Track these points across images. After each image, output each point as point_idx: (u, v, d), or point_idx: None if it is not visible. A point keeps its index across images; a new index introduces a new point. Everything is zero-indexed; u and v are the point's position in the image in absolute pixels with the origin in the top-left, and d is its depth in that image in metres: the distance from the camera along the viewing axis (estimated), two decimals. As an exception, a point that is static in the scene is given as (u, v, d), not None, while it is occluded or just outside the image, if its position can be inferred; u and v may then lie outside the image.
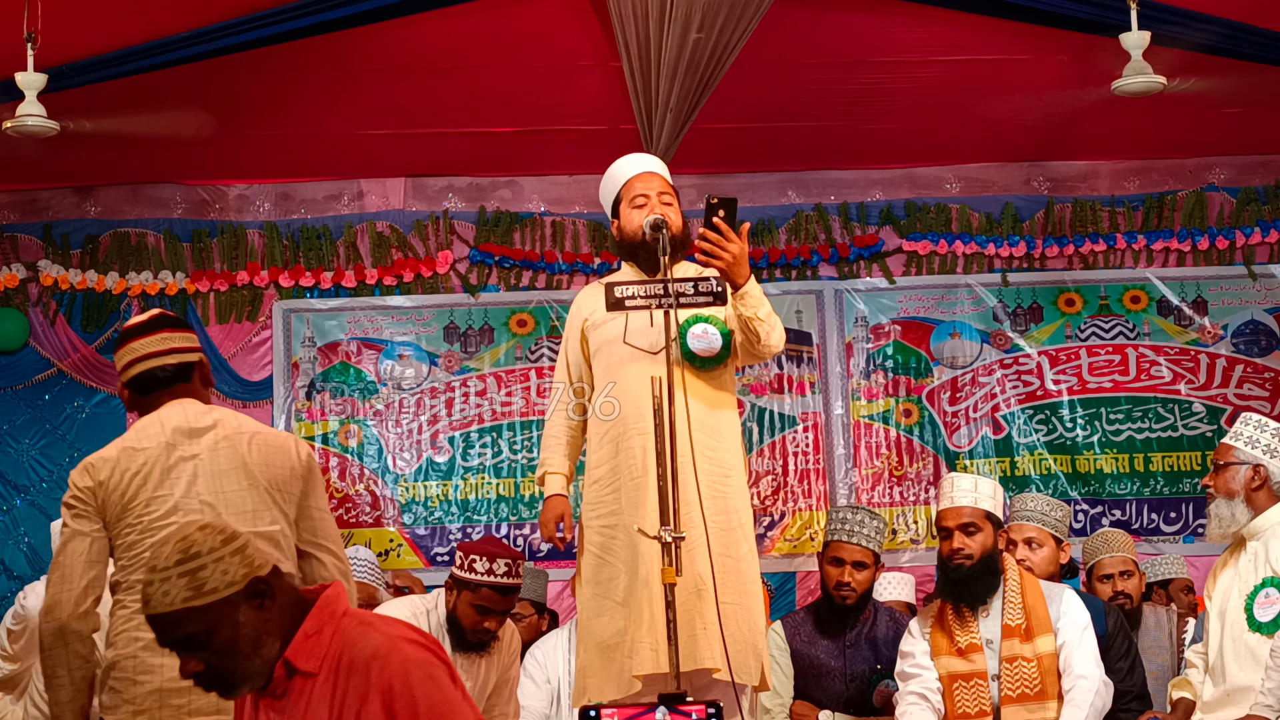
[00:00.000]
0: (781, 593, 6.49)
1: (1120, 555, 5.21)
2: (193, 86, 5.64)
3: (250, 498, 3.23)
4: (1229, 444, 4.36)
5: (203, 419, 3.30)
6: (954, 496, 4.52)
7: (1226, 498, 4.29)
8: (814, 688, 4.90)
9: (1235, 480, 4.28)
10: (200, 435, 3.27)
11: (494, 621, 4.46)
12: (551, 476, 4.07)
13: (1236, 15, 5.38)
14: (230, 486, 3.23)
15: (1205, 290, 6.80)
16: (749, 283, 3.69)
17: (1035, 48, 5.66)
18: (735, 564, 3.81)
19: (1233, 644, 4.17)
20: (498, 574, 4.40)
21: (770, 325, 3.78)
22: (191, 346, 3.41)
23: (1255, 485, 4.26)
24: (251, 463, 3.27)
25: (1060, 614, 4.42)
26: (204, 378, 3.43)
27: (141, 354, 3.35)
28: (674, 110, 5.39)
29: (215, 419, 3.32)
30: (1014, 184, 6.89)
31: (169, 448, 3.23)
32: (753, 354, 3.87)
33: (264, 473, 3.27)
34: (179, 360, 3.36)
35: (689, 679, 3.55)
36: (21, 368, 6.58)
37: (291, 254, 6.73)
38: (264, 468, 3.28)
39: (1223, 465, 4.33)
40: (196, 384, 3.39)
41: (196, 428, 3.28)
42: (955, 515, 4.49)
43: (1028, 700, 4.31)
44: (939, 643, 4.46)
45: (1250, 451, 4.30)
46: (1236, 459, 4.31)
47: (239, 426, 3.33)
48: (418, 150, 6.54)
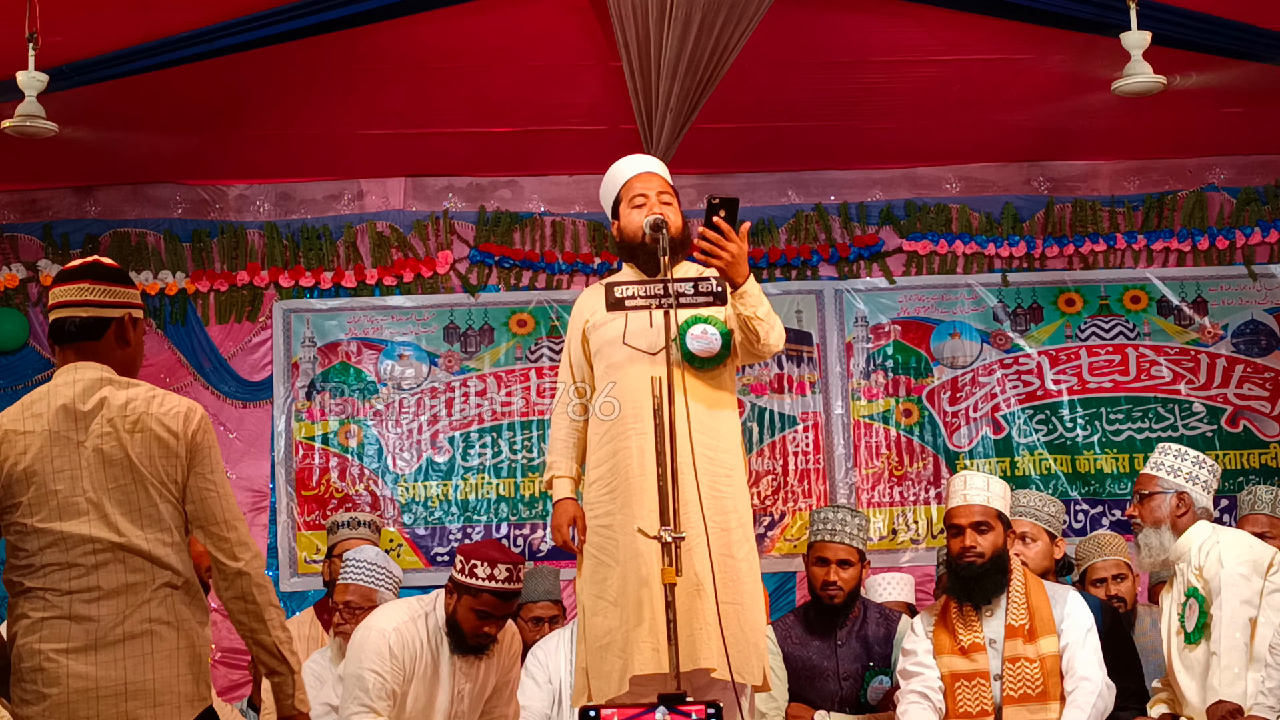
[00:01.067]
0: (781, 593, 6.49)
1: (1113, 558, 5.22)
2: (193, 86, 5.64)
3: (137, 493, 3.09)
4: (1151, 474, 4.50)
5: (90, 397, 3.11)
6: (966, 494, 4.54)
7: (1154, 526, 4.45)
8: (808, 689, 4.90)
9: (1161, 509, 4.44)
10: (88, 419, 3.10)
11: (494, 626, 4.46)
12: (559, 480, 4.06)
13: (1236, 15, 5.38)
14: (116, 480, 3.09)
15: (1205, 290, 6.80)
16: (748, 282, 3.70)
17: (1035, 48, 5.66)
18: (734, 564, 3.81)
19: (1180, 662, 4.33)
20: (499, 580, 4.40)
21: (770, 324, 3.79)
22: (114, 301, 3.21)
23: (1180, 513, 4.42)
24: (135, 455, 3.10)
25: (1064, 615, 4.43)
26: (121, 337, 3.22)
27: (56, 301, 3.20)
28: (674, 110, 5.39)
29: (102, 397, 3.12)
30: (1014, 184, 6.90)
31: (53, 435, 3.08)
32: (752, 353, 3.87)
33: (148, 466, 3.11)
34: (89, 314, 3.17)
35: (688, 679, 3.55)
36: (22, 368, 6.58)
37: (291, 254, 6.73)
38: (148, 460, 3.11)
39: (1147, 495, 4.48)
40: (109, 343, 3.20)
41: (83, 410, 3.10)
42: (967, 513, 4.51)
43: (1029, 701, 4.32)
44: (942, 641, 4.47)
45: (1173, 480, 4.45)
46: (1160, 488, 4.46)
47: (126, 405, 3.13)
48: (418, 150, 6.54)
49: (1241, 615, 4.15)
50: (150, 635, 3.06)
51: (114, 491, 3.09)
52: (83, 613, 3.03)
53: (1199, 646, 4.24)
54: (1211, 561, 4.26)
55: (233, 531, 3.19)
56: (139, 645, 3.05)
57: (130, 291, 3.27)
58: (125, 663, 3.03)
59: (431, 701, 4.49)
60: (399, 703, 4.42)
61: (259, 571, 3.19)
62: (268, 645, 3.16)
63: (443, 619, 4.51)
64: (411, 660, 4.44)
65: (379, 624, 4.48)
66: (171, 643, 3.08)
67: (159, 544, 3.10)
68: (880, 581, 5.55)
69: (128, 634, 3.04)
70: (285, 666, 3.18)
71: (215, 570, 3.17)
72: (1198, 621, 4.25)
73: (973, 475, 4.64)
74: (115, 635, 3.03)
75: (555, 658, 4.91)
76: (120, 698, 3.01)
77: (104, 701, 3.00)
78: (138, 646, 3.05)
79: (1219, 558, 4.25)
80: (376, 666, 4.36)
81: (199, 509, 3.17)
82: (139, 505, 3.10)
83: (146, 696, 3.03)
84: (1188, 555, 4.37)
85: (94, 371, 3.17)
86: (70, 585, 3.04)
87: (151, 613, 3.07)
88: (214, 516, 3.17)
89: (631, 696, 3.72)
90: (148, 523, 3.10)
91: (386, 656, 4.37)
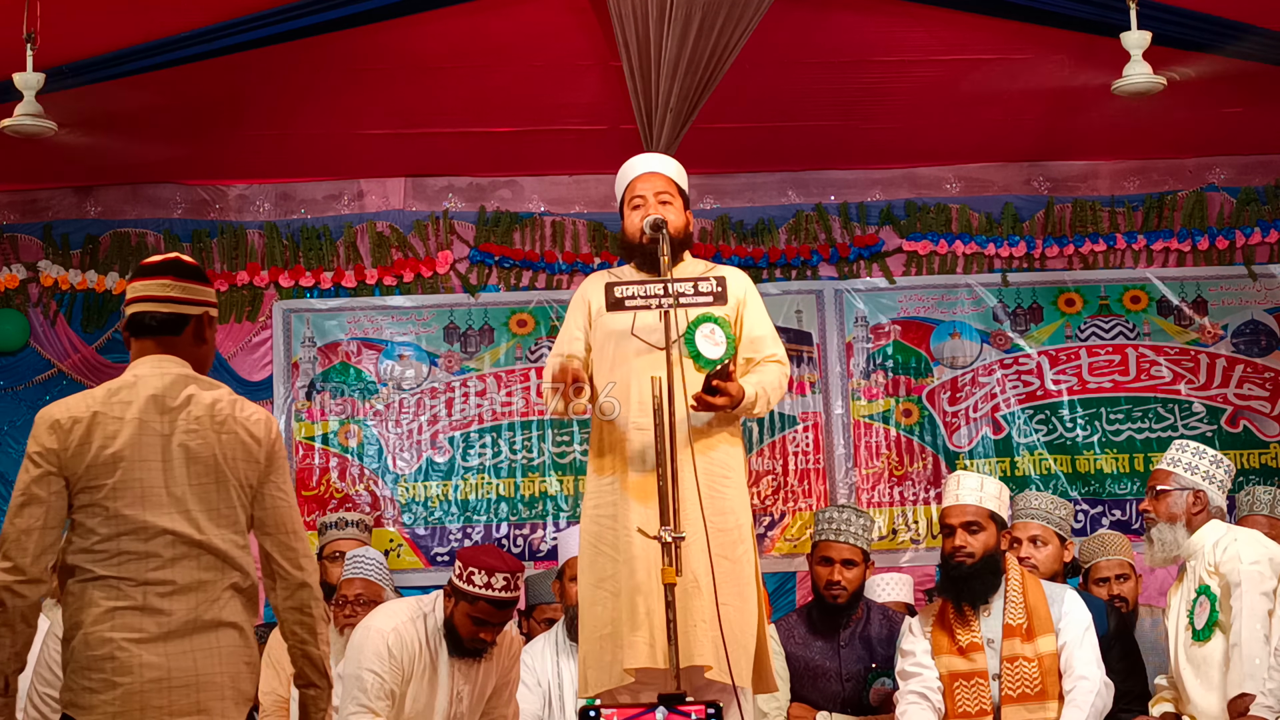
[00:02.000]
0: (781, 593, 6.49)
1: (1116, 558, 5.22)
2: (193, 86, 5.64)
3: (216, 493, 3.13)
4: (1167, 470, 4.50)
5: (178, 390, 3.16)
6: (959, 494, 4.54)
7: (1168, 522, 4.44)
8: (810, 689, 4.90)
9: (1176, 505, 4.44)
10: (176, 412, 3.13)
11: (490, 633, 4.45)
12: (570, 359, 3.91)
13: (1236, 15, 5.38)
14: (199, 478, 3.13)
15: (1205, 290, 6.80)
16: (745, 399, 3.79)
17: (1035, 48, 5.66)
18: (732, 565, 3.81)
19: (1186, 659, 4.33)
20: (495, 588, 4.38)
21: (773, 403, 3.93)
22: (194, 299, 3.25)
23: (1196, 510, 4.42)
24: (220, 455, 3.15)
25: (1062, 614, 4.43)
26: (199, 334, 3.27)
27: (137, 295, 3.23)
28: (674, 110, 5.39)
29: (189, 393, 3.16)
30: (1014, 184, 6.89)
31: (142, 424, 3.11)
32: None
33: (231, 467, 3.16)
34: (170, 310, 3.21)
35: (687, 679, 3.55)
36: (22, 368, 6.58)
37: (291, 254, 6.73)
38: (231, 462, 3.16)
39: (1163, 491, 4.47)
40: (187, 339, 3.25)
41: (171, 405, 3.14)
42: (959, 513, 4.51)
43: (1028, 700, 4.32)
44: (940, 641, 4.47)
45: (1190, 478, 4.45)
46: (1176, 485, 4.45)
47: (214, 405, 3.18)
48: (418, 150, 6.54)
49: (1261, 608, 4.15)
50: (217, 630, 3.10)
51: (196, 488, 3.12)
52: (156, 605, 3.05)
53: (1208, 644, 4.24)
54: (1229, 557, 4.24)
55: (300, 542, 3.26)
56: (208, 639, 3.08)
57: (209, 290, 3.33)
58: (195, 655, 3.06)
59: (430, 702, 4.49)
60: (397, 703, 4.41)
61: (318, 585, 3.26)
62: (315, 659, 3.22)
63: (441, 620, 4.51)
64: (410, 660, 4.44)
65: (378, 624, 4.48)
66: (235, 640, 3.12)
67: (233, 545, 3.14)
68: (880, 582, 5.55)
69: (198, 627, 3.07)
70: (325, 681, 3.24)
71: (276, 578, 3.22)
72: (1209, 619, 4.24)
73: (966, 475, 4.65)
74: (187, 628, 3.06)
75: (542, 660, 4.91)
76: (192, 689, 3.04)
77: (176, 692, 3.02)
78: (206, 640, 3.08)
79: (1238, 554, 4.23)
80: (375, 667, 4.36)
81: (270, 516, 3.23)
82: (218, 505, 3.14)
83: (216, 690, 3.07)
84: (1200, 552, 4.36)
85: (179, 367, 3.22)
86: (146, 576, 3.05)
87: (220, 611, 3.11)
88: (284, 525, 3.24)
89: (631, 694, 3.72)
90: (224, 522, 3.14)
91: (385, 657, 4.37)
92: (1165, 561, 4.51)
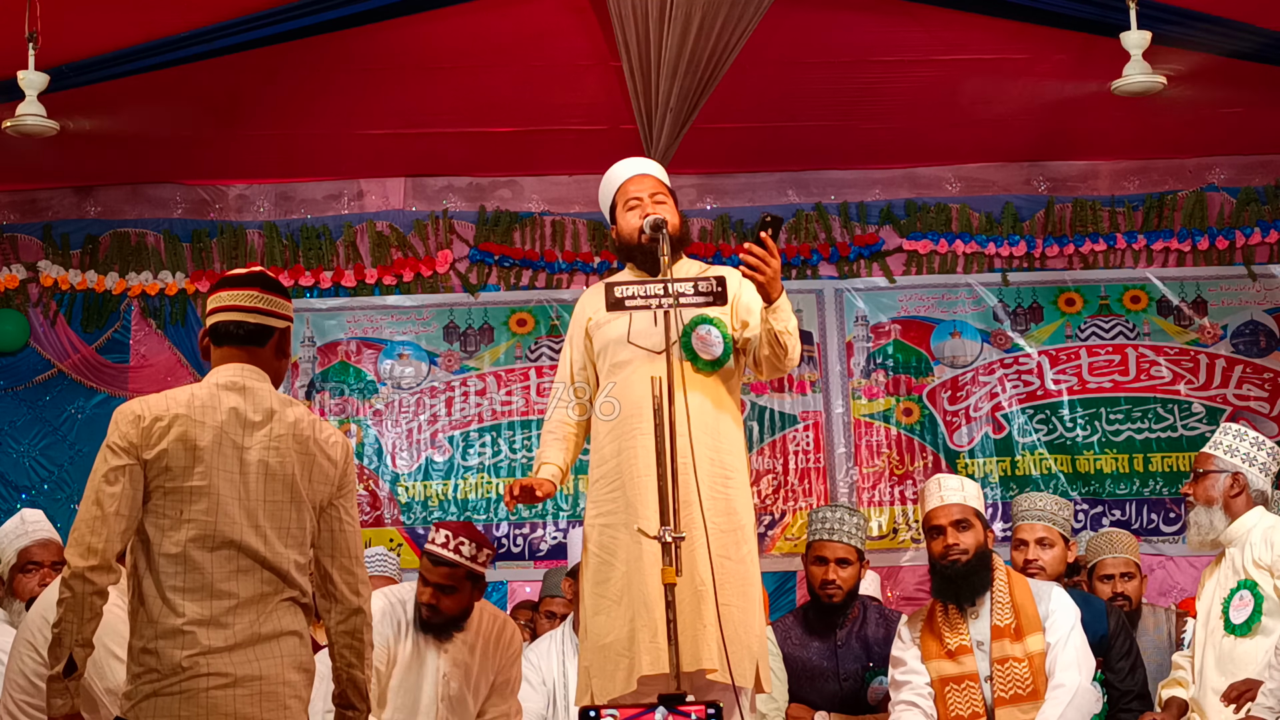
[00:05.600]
0: (781, 592, 6.49)
1: (1123, 556, 5.22)
2: (193, 86, 5.64)
3: (289, 512, 3.16)
4: (1209, 453, 4.45)
5: (261, 405, 3.19)
6: (943, 495, 4.55)
7: (1206, 505, 4.39)
8: (808, 689, 4.90)
9: (1215, 488, 4.39)
10: (257, 427, 3.16)
11: (434, 596, 4.47)
12: (545, 466, 4.05)
13: (1236, 15, 5.38)
14: (274, 495, 3.15)
15: (1205, 290, 6.80)
16: (782, 297, 3.72)
17: (1035, 48, 5.66)
18: (735, 566, 3.81)
19: (1213, 649, 4.25)
20: (437, 543, 4.47)
21: (795, 340, 3.82)
22: (280, 312, 3.29)
23: (1234, 493, 4.36)
24: (298, 474, 3.18)
25: (1049, 612, 4.41)
26: (282, 348, 3.31)
27: (225, 305, 3.25)
28: (674, 110, 5.39)
29: (271, 408, 3.19)
30: (1014, 184, 6.90)
31: (223, 434, 3.13)
32: (777, 368, 3.87)
33: (306, 487, 3.19)
34: (257, 321, 3.25)
35: (688, 679, 3.55)
36: (22, 369, 6.58)
37: (291, 254, 6.73)
38: (307, 482, 3.19)
39: (1202, 473, 4.42)
40: (269, 352, 3.28)
41: (253, 419, 3.17)
42: (946, 513, 4.51)
43: (1020, 701, 4.30)
44: (929, 646, 4.45)
45: (1229, 460, 4.40)
46: (1216, 467, 4.41)
47: (296, 424, 3.21)
48: (418, 150, 6.54)
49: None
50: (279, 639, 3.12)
51: (270, 505, 3.14)
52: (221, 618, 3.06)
53: (1245, 641, 4.14)
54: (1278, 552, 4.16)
55: (360, 568, 3.29)
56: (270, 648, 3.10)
57: (290, 305, 3.36)
58: (259, 663, 3.08)
59: (418, 684, 4.52)
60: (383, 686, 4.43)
61: (370, 612, 3.29)
62: (359, 682, 3.26)
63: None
64: (391, 635, 4.47)
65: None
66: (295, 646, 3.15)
67: (294, 566, 3.16)
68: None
69: (260, 639, 3.09)
70: (365, 705, 3.28)
71: (332, 599, 3.25)
72: (1250, 619, 4.15)
73: (946, 478, 4.65)
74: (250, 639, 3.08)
75: (548, 659, 4.91)
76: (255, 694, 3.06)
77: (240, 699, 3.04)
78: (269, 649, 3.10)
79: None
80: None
81: (334, 539, 3.26)
82: (288, 524, 3.16)
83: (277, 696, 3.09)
84: (1242, 540, 4.30)
85: (261, 380, 3.24)
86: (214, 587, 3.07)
87: (280, 621, 3.13)
88: (347, 550, 3.27)
89: (633, 696, 3.72)
90: (291, 542, 3.16)
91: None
92: (1204, 546, 4.43)
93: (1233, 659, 4.18)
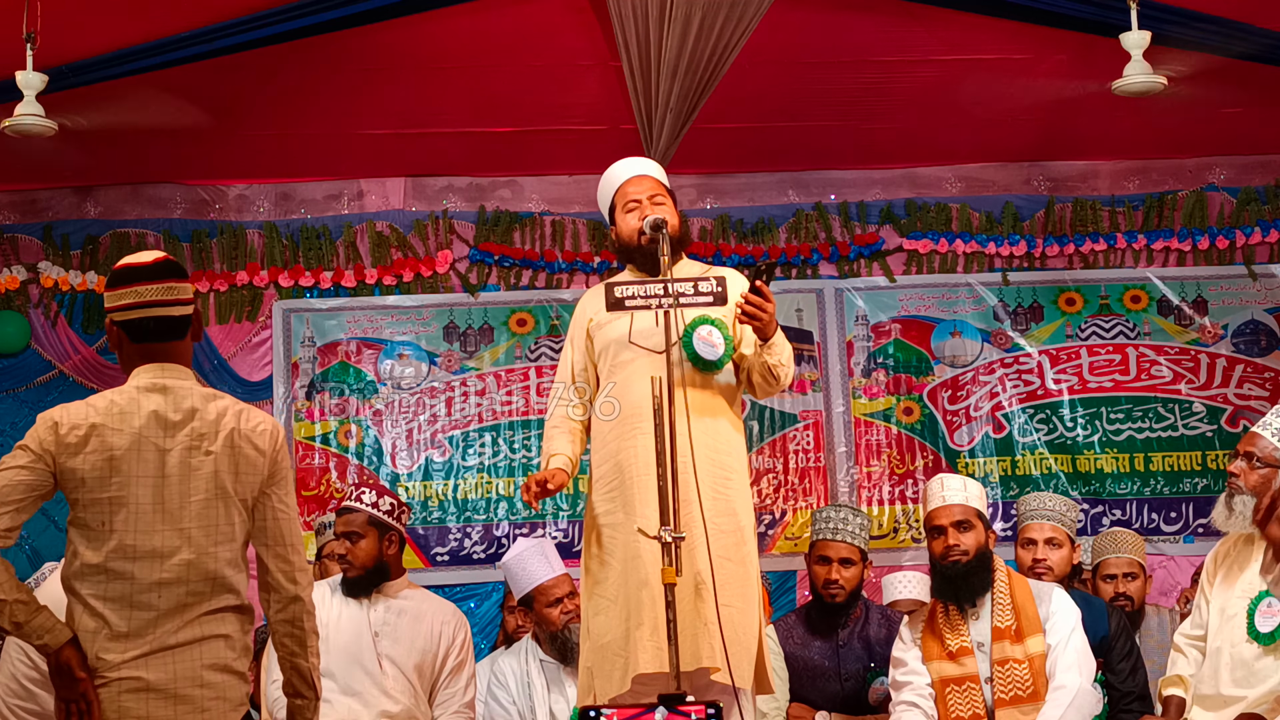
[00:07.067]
0: (782, 592, 6.49)
1: (1127, 556, 5.21)
2: (193, 86, 5.64)
3: (217, 510, 3.12)
4: (1259, 433, 4.12)
5: (182, 404, 3.13)
6: (945, 495, 4.54)
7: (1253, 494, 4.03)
8: (809, 689, 4.91)
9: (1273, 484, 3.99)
10: (179, 427, 3.11)
11: (342, 546, 4.69)
12: (555, 457, 4.03)
13: (1236, 15, 5.38)
14: (200, 494, 3.11)
15: (1205, 290, 6.80)
16: (777, 334, 3.81)
17: (1035, 48, 5.66)
18: (735, 566, 3.81)
19: (1230, 650, 4.04)
20: (350, 497, 4.73)
21: (789, 369, 3.90)
22: (188, 299, 3.23)
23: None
24: (224, 470, 3.13)
25: (1050, 613, 4.41)
26: (196, 332, 3.25)
27: (142, 300, 3.17)
28: (674, 110, 5.39)
29: (193, 406, 3.14)
30: (1014, 184, 6.90)
31: (141, 437, 3.09)
32: (768, 392, 3.95)
33: (233, 483, 3.15)
34: (180, 313, 3.19)
35: (688, 679, 3.55)
36: (23, 370, 6.58)
37: (291, 254, 6.73)
38: (234, 477, 3.15)
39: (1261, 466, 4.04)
40: (188, 341, 3.24)
41: (173, 420, 3.11)
42: (948, 513, 4.50)
43: (1021, 702, 4.29)
44: (930, 647, 4.45)
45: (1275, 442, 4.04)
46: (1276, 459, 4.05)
47: (219, 419, 3.15)
48: (418, 150, 6.54)
49: None
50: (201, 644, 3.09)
51: (194, 505, 3.11)
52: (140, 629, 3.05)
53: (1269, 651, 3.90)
54: None
55: (296, 555, 3.25)
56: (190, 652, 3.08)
57: (190, 285, 3.30)
58: (175, 666, 3.06)
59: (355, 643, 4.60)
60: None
61: (310, 598, 3.26)
62: (303, 671, 3.24)
63: None
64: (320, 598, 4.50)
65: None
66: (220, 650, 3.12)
67: (228, 565, 3.13)
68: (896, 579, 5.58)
69: (180, 643, 3.07)
70: (312, 692, 3.26)
71: (270, 589, 3.23)
72: (1278, 629, 3.91)
73: (949, 477, 4.64)
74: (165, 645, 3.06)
75: (512, 676, 4.96)
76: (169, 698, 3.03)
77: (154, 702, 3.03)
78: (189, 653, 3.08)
79: None
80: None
81: (268, 527, 3.22)
82: (216, 521, 3.13)
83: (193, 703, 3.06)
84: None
85: (183, 378, 3.19)
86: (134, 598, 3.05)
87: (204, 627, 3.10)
88: (283, 538, 3.23)
89: (633, 696, 3.72)
90: (222, 538, 3.13)
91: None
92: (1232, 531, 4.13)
93: (1253, 670, 3.95)
